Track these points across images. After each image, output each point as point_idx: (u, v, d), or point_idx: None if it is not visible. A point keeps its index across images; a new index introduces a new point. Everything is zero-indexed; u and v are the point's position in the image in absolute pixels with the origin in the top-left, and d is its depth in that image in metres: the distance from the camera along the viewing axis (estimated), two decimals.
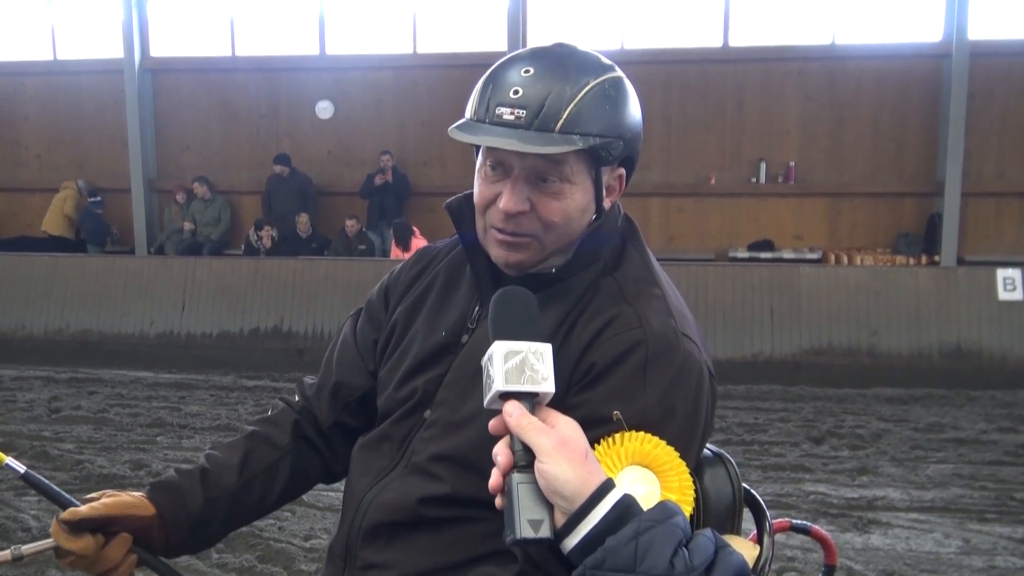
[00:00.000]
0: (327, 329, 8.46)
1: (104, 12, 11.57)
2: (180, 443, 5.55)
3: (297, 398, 1.54)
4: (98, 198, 11.26)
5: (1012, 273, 7.89)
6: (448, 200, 1.39)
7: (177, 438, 5.66)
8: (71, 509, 1.26)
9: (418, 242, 9.84)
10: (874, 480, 4.89)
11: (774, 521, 1.46)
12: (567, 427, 1.05)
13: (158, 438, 5.64)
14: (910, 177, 10.32)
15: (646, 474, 1.12)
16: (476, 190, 1.31)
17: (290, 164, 10.71)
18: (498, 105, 1.21)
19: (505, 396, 1.06)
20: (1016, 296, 7.80)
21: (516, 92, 1.21)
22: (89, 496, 1.30)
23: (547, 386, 1.06)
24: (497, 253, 1.29)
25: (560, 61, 1.24)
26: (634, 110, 1.29)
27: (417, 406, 1.35)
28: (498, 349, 1.06)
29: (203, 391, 7.07)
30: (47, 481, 1.28)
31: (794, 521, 1.64)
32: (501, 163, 1.25)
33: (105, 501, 1.28)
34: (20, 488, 4.53)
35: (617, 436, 1.13)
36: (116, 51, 11.33)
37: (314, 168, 11.03)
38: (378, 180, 10.47)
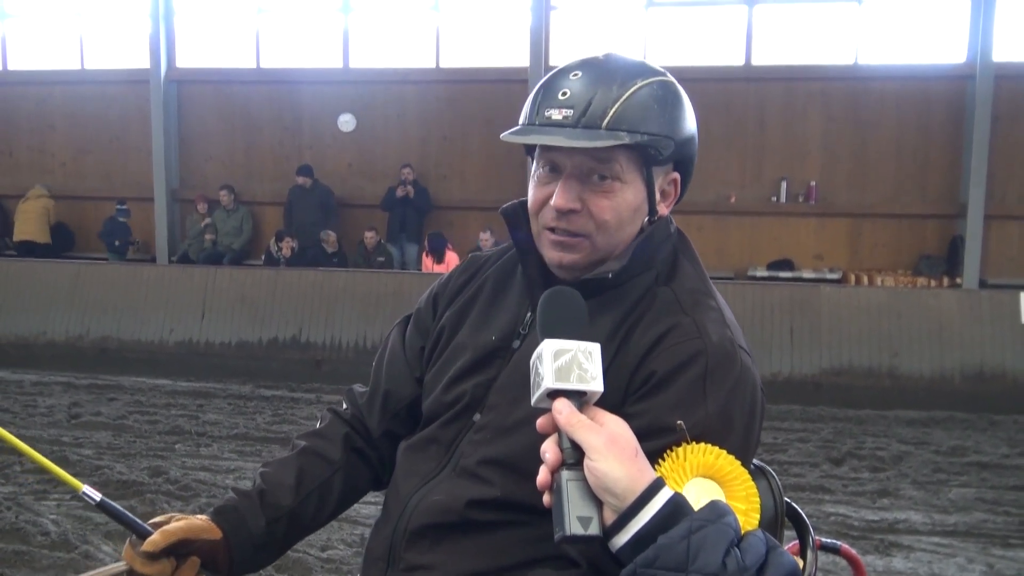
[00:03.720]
0: (345, 340, 8.49)
1: (131, 23, 11.73)
2: (198, 451, 5.56)
3: (346, 406, 1.55)
4: (124, 206, 11.35)
5: None
6: (504, 206, 1.40)
7: (195, 446, 5.68)
8: (150, 541, 1.26)
9: (451, 255, 9.87)
10: (895, 503, 4.83)
11: None
12: (616, 425, 1.05)
13: (176, 446, 5.66)
14: (933, 199, 10.25)
15: (711, 485, 1.12)
16: (531, 194, 1.32)
17: (313, 175, 10.78)
18: (547, 108, 1.25)
19: (553, 394, 1.06)
20: None
21: (564, 94, 1.24)
22: (156, 520, 1.31)
23: (596, 385, 1.06)
24: (551, 255, 1.30)
25: (608, 66, 1.27)
26: (686, 114, 1.31)
27: (466, 409, 1.35)
28: (547, 347, 1.06)
29: (221, 400, 7.09)
30: (123, 509, 1.28)
31: (824, 540, 1.63)
32: (553, 164, 1.28)
33: (179, 524, 1.29)
34: (40, 492, 4.56)
35: (679, 451, 1.14)
36: (142, 62, 11.48)
37: (335, 180, 11.09)
38: (399, 193, 10.51)
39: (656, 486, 1.01)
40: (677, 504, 1.00)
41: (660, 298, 1.29)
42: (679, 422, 1.15)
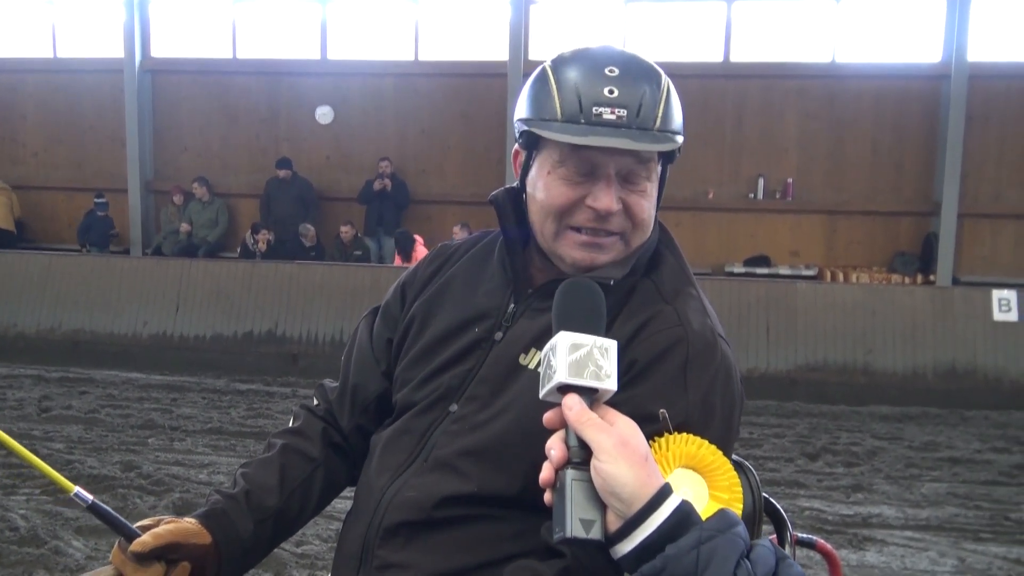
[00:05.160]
0: (321, 334, 8.43)
1: (105, 11, 11.55)
2: (171, 445, 5.50)
3: (317, 402, 1.53)
4: (103, 199, 11.16)
5: (1007, 294, 7.91)
6: (493, 193, 1.36)
7: (168, 440, 5.62)
8: (139, 541, 1.23)
9: (420, 252, 9.82)
10: (869, 497, 4.87)
11: None
12: (627, 427, 1.02)
13: (149, 440, 5.60)
14: (907, 197, 10.35)
15: (694, 476, 1.11)
16: (554, 193, 1.25)
17: (292, 168, 10.70)
18: (594, 105, 1.20)
19: (564, 389, 1.02)
20: (1011, 317, 7.82)
21: (612, 92, 1.20)
22: (144, 523, 1.29)
23: (610, 383, 1.02)
24: (578, 255, 1.26)
25: (631, 60, 1.25)
26: None
27: (441, 399, 1.33)
28: (563, 340, 1.02)
29: (195, 393, 7.03)
30: (114, 512, 1.26)
31: (800, 535, 1.63)
32: (591, 163, 1.23)
33: (168, 527, 1.27)
34: (9, 487, 4.49)
35: (662, 441, 1.12)
36: (116, 51, 11.30)
37: (313, 173, 11.01)
38: (377, 186, 10.45)
39: (664, 493, 0.97)
40: (685, 513, 0.96)
41: (641, 289, 1.29)
42: (662, 411, 1.13)
